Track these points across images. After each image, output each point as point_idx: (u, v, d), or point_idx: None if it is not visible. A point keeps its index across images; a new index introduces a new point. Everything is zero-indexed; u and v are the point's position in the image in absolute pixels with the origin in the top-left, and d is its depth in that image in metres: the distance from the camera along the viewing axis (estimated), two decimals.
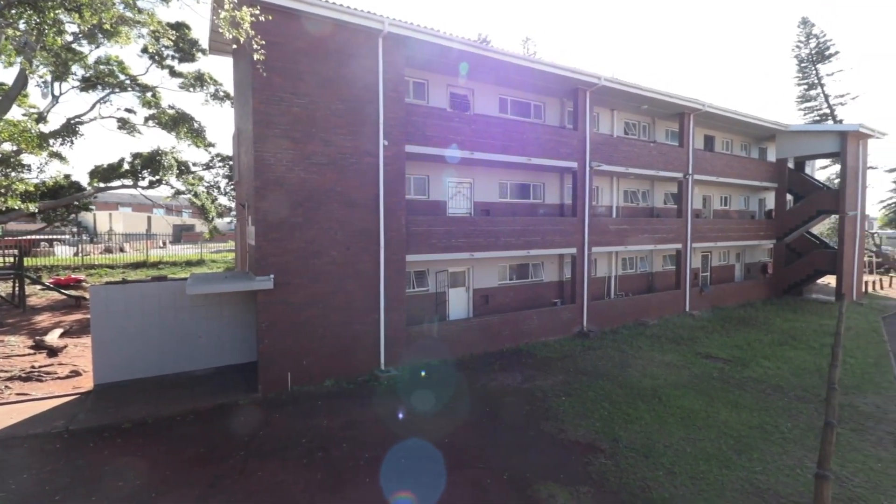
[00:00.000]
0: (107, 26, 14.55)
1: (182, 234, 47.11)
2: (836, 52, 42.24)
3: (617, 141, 16.97)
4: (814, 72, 43.35)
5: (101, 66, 19.24)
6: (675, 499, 6.43)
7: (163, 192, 21.47)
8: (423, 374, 11.48)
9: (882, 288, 27.04)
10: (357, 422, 8.77)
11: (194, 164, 22.45)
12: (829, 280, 25.75)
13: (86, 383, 10.67)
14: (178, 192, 21.30)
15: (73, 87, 19.18)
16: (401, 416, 9.09)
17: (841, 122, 41.80)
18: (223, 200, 24.33)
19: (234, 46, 10.86)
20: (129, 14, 15.30)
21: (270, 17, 9.37)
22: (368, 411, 9.26)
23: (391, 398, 9.98)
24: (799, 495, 6.56)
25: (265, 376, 10.04)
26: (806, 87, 44.05)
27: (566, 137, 15.14)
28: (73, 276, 21.87)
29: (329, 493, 6.52)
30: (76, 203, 20.64)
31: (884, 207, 61.50)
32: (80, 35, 17.30)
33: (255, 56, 9.09)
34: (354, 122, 10.93)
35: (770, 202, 25.25)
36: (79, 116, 19.38)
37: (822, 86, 43.18)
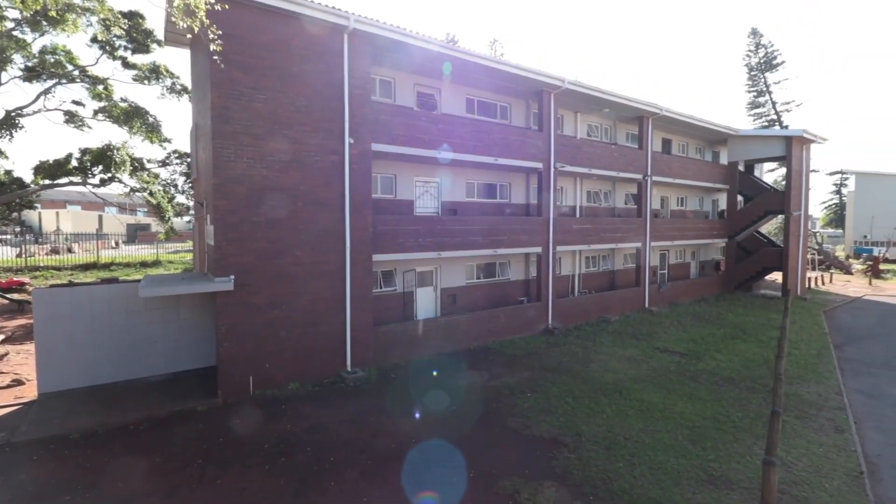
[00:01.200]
0: (52, 13, 13.74)
1: (137, 234, 44.89)
2: (783, 62, 44.85)
3: (580, 142, 17.39)
4: (762, 80, 45.84)
5: (47, 56, 18.07)
6: (635, 489, 6.66)
7: (115, 189, 20.27)
8: (390, 374, 11.42)
9: (824, 284, 28.85)
10: (322, 425, 8.62)
11: (149, 161, 21.41)
12: (776, 276, 27.26)
13: (29, 393, 10.03)
14: (133, 190, 20.26)
15: (13, 78, 17.94)
16: (367, 417, 9.00)
17: (787, 127, 44.34)
18: (181, 199, 23.33)
19: (189, 36, 10.42)
20: (76, 0, 14.47)
21: (227, 7, 9.05)
22: (334, 414, 9.12)
23: (357, 400, 9.86)
24: (749, 481, 6.92)
25: (225, 381, 9.71)
26: (755, 94, 46.55)
27: (532, 138, 15.39)
28: (15, 279, 20.42)
29: (292, 499, 6.38)
30: (18, 201, 19.33)
31: (825, 208, 65.74)
32: (22, 21, 16.21)
33: (213, 47, 8.75)
34: (319, 119, 10.73)
35: (723, 203, 26.50)
36: (20, 108, 18.14)
37: (770, 93, 45.73)
